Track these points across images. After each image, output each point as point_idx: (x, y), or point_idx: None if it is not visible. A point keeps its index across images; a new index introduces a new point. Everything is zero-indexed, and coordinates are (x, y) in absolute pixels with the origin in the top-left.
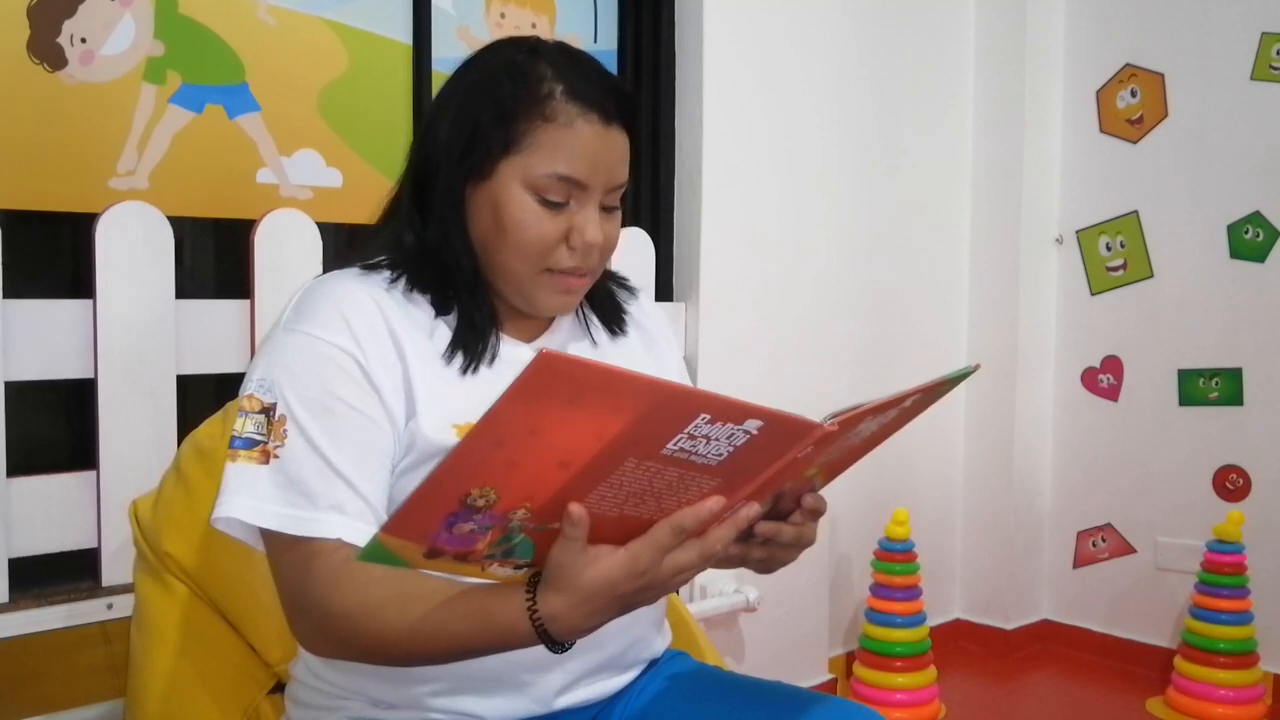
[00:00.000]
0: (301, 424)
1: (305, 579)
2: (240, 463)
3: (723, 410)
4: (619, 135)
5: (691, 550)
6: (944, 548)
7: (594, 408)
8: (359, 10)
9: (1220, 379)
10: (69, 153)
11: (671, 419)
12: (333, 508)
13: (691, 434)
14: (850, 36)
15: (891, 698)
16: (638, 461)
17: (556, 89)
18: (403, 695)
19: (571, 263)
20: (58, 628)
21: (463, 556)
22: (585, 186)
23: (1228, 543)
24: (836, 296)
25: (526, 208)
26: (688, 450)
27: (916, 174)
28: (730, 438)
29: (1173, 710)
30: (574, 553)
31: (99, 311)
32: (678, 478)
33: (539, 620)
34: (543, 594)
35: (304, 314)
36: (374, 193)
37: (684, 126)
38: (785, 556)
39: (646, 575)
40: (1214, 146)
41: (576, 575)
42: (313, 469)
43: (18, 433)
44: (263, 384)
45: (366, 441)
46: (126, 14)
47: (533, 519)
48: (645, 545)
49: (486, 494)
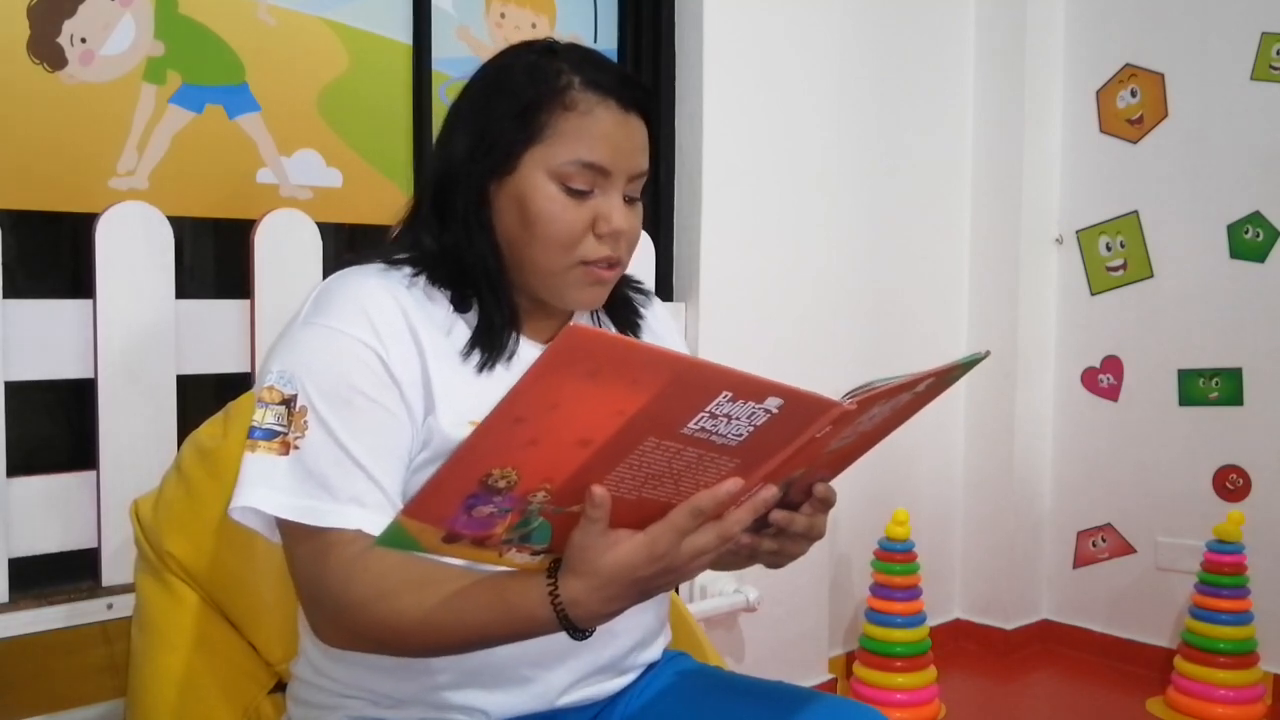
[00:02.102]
0: (322, 416)
1: (322, 570)
2: (260, 453)
3: (745, 387)
4: (638, 123)
5: (710, 533)
6: (944, 548)
7: (616, 383)
8: (359, 10)
9: (1220, 379)
10: (69, 153)
11: (694, 396)
12: (352, 500)
13: (713, 412)
14: (850, 37)
15: (891, 698)
16: (657, 441)
17: (574, 80)
18: (408, 690)
19: (601, 252)
20: (58, 628)
21: (480, 541)
22: (608, 172)
23: (1228, 543)
24: (836, 296)
25: (552, 198)
26: (708, 430)
27: (916, 174)
28: (751, 416)
29: (1173, 710)
30: (595, 535)
31: (99, 311)
32: (696, 458)
33: (560, 605)
34: (564, 578)
35: (324, 308)
36: (374, 193)
37: (684, 126)
38: (795, 549)
39: (665, 559)
40: (1214, 146)
41: (597, 558)
42: (332, 461)
43: (18, 433)
44: (283, 376)
45: (386, 435)
46: (126, 14)
47: (552, 500)
48: (664, 528)
49: (507, 475)
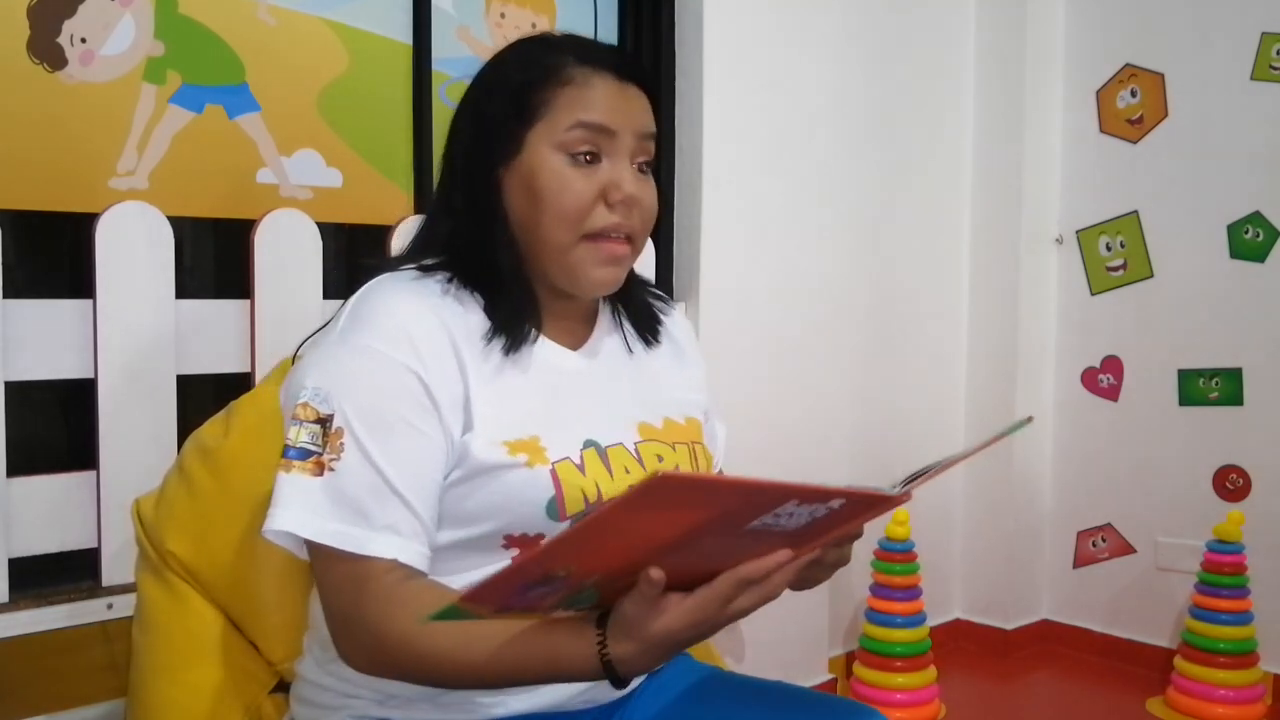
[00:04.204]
0: (360, 439)
1: (359, 598)
2: (294, 473)
3: (811, 495)
4: (637, 91)
5: (754, 595)
6: (944, 548)
7: (692, 508)
8: (359, 10)
9: (1220, 379)
10: (69, 153)
11: (762, 506)
12: (388, 528)
13: (777, 513)
14: (850, 36)
15: (891, 698)
16: (718, 537)
17: (568, 58)
18: (417, 690)
19: (612, 219)
20: (58, 627)
21: (530, 608)
22: (612, 133)
23: (1228, 543)
24: (836, 296)
25: (559, 170)
26: (769, 524)
27: (916, 174)
28: (812, 512)
29: (1173, 710)
30: (646, 606)
31: (99, 311)
32: (752, 540)
33: (609, 661)
34: (614, 640)
35: (365, 324)
36: (374, 193)
37: (684, 126)
38: (821, 576)
39: (709, 622)
40: (1214, 146)
41: (647, 626)
42: (368, 487)
43: (18, 433)
44: (318, 393)
45: (424, 460)
46: (126, 14)
47: (605, 580)
48: (711, 597)
49: (568, 568)
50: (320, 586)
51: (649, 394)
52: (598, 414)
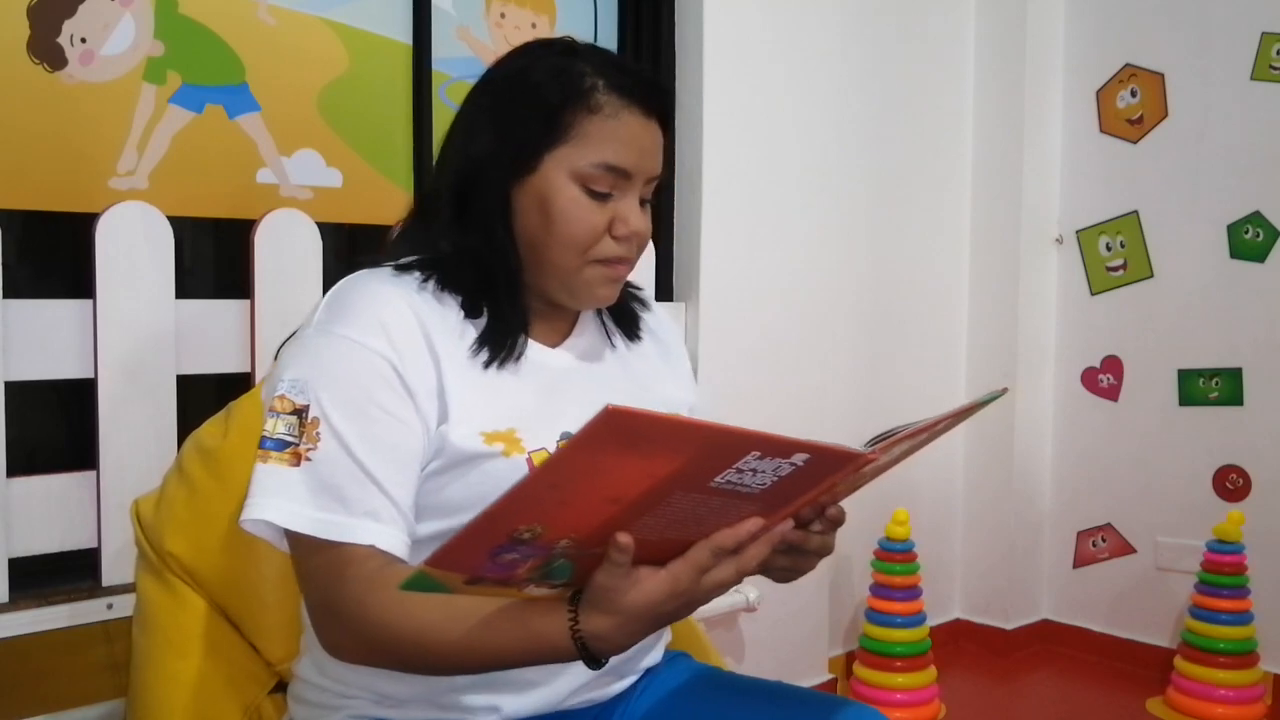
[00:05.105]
0: (336, 428)
1: (339, 586)
2: (271, 463)
3: (772, 447)
4: (656, 128)
5: (729, 568)
6: (944, 548)
7: (650, 452)
8: (359, 10)
9: (1220, 379)
10: (69, 153)
11: (723, 457)
12: (367, 514)
13: (739, 468)
14: (850, 36)
15: (891, 698)
16: (684, 493)
17: (599, 83)
18: (412, 690)
19: (616, 252)
20: (58, 627)
21: (503, 581)
22: (629, 176)
23: (1228, 543)
24: (836, 296)
25: (574, 199)
26: (734, 482)
27: (916, 174)
28: (776, 469)
29: (1173, 710)
30: (618, 577)
31: (99, 311)
32: (720, 504)
33: (581, 639)
34: (586, 615)
35: (339, 315)
36: (374, 193)
37: (684, 126)
38: (805, 565)
39: (685, 594)
40: (1214, 146)
41: (620, 598)
42: (347, 473)
43: (18, 433)
44: (295, 385)
45: (401, 447)
46: (126, 14)
47: (575, 546)
48: (685, 566)
49: (534, 529)
50: (300, 576)
51: (634, 391)
52: (578, 408)
